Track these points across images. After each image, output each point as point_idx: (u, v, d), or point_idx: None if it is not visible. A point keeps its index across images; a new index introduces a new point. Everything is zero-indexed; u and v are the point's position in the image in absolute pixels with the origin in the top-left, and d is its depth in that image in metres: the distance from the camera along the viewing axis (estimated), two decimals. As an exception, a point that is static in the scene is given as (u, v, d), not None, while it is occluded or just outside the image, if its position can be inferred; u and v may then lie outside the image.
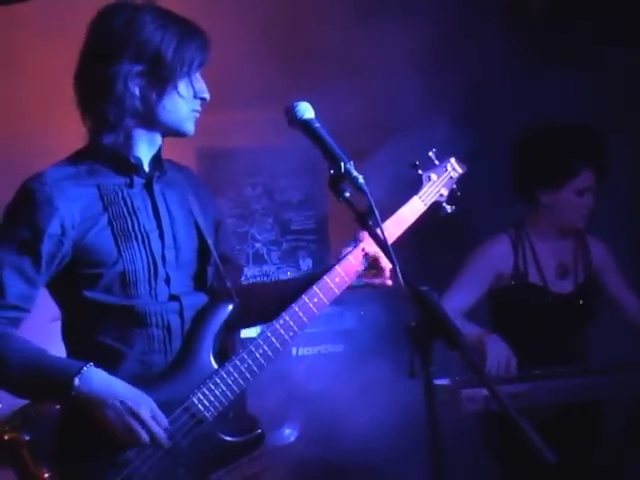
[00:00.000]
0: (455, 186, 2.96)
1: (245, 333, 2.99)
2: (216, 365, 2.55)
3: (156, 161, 2.60)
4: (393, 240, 2.72)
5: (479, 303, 3.98)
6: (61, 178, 2.48)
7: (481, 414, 3.51)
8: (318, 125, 2.38)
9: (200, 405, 2.51)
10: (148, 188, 2.58)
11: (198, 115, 2.60)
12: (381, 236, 2.26)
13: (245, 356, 2.56)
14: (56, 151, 2.60)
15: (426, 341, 2.15)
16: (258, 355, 2.56)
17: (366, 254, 2.69)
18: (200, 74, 2.59)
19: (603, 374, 3.66)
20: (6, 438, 3.36)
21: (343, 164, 2.29)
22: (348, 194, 2.30)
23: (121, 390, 2.42)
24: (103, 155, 2.52)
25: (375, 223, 2.26)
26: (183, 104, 2.54)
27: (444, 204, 2.92)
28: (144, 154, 2.58)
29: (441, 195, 2.92)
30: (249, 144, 5.14)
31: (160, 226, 2.56)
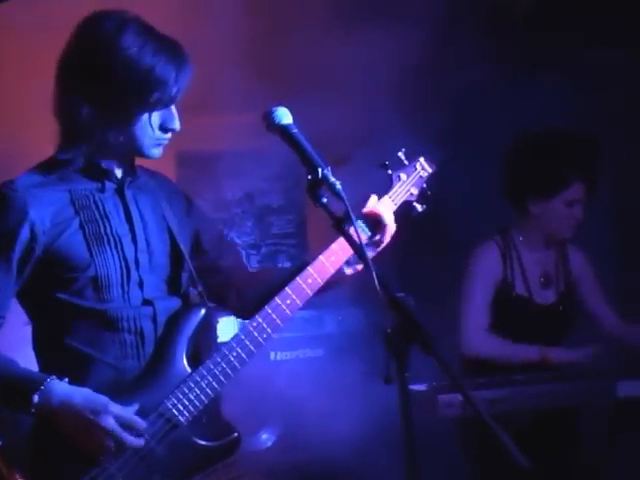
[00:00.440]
0: (425, 185, 2.97)
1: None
2: (190, 369, 2.54)
3: (128, 167, 2.60)
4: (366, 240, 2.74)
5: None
6: (32, 184, 2.48)
7: (458, 419, 3.52)
8: (296, 130, 2.38)
9: (174, 410, 2.50)
10: (120, 193, 2.58)
11: (165, 142, 2.57)
12: (357, 240, 2.26)
13: (219, 359, 2.56)
14: (32, 155, 2.59)
15: (402, 347, 2.15)
16: (232, 358, 2.56)
17: (366, 215, 2.74)
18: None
19: (580, 380, 3.67)
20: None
21: (320, 170, 2.28)
22: (325, 200, 2.30)
23: (80, 402, 2.40)
24: (73, 162, 2.51)
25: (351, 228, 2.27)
26: (142, 136, 2.51)
27: (415, 203, 2.94)
28: (115, 161, 2.57)
29: (411, 194, 2.93)
30: (229, 148, 5.14)
31: (132, 230, 2.56)
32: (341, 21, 4.43)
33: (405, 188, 2.91)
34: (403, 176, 2.91)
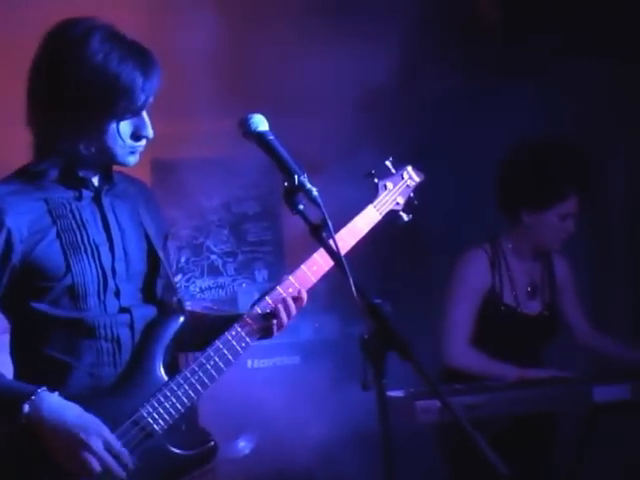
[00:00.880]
0: (412, 194, 2.93)
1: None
2: (166, 377, 2.52)
3: (105, 174, 2.58)
4: (347, 250, 2.70)
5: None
6: (8, 193, 2.45)
7: (436, 425, 3.52)
8: (272, 137, 2.36)
9: (149, 418, 2.48)
10: (97, 201, 2.55)
11: (141, 149, 2.53)
12: (335, 248, 2.25)
13: (196, 368, 2.54)
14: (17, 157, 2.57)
15: (379, 353, 2.15)
16: (209, 367, 2.54)
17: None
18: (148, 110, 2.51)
19: (558, 385, 3.69)
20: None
21: (297, 176, 2.27)
22: (302, 206, 2.29)
23: (72, 419, 2.38)
24: (47, 174, 2.48)
25: (329, 235, 2.26)
26: (113, 145, 2.47)
27: (401, 213, 2.90)
28: (92, 169, 2.54)
29: (397, 204, 2.89)
30: (205, 155, 5.13)
31: (110, 239, 2.54)
32: (311, 31, 4.43)
33: (391, 197, 2.87)
34: (389, 185, 2.87)
